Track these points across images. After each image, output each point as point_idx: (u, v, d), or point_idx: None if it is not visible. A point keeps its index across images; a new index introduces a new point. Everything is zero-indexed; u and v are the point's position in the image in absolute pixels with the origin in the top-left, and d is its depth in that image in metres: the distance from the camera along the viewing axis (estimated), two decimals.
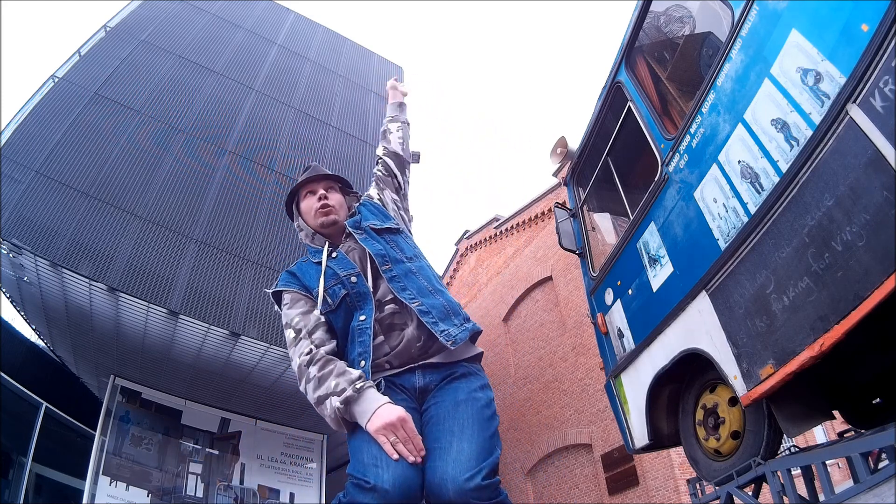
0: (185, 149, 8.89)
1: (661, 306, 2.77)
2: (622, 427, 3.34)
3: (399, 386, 1.42)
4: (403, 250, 1.58)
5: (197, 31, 10.76)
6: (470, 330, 1.47)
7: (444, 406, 1.37)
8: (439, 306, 1.47)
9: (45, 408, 8.66)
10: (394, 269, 1.51)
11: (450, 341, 1.40)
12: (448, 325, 1.44)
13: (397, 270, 1.51)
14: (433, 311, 1.44)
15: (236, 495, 8.85)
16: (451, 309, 1.50)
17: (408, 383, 1.42)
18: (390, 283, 1.47)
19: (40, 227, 6.95)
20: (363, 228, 1.60)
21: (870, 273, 1.58)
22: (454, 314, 1.49)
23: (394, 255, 1.54)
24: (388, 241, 1.58)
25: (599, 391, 10.75)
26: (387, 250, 1.55)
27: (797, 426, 2.15)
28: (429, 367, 1.43)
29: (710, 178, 2.37)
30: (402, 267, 1.52)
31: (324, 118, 11.25)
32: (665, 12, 3.22)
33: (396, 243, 1.59)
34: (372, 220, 1.64)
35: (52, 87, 8.43)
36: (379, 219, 1.65)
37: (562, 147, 4.11)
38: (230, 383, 8.73)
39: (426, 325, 1.41)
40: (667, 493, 9.37)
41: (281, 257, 8.69)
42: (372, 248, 1.53)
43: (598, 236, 3.96)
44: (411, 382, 1.42)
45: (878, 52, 1.57)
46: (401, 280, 1.49)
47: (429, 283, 1.52)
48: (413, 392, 1.42)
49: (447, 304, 1.50)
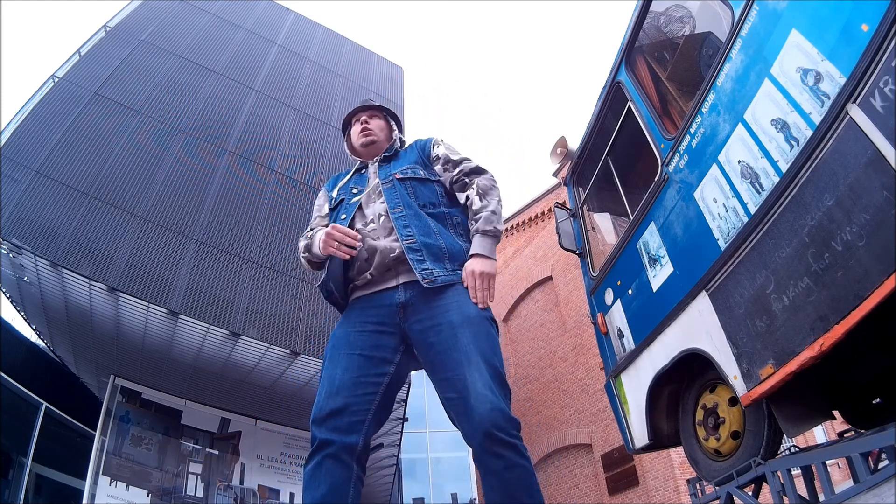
0: (185, 149, 8.89)
1: (661, 306, 2.77)
2: (622, 427, 3.34)
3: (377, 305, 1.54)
4: (419, 197, 1.67)
5: (197, 31, 10.75)
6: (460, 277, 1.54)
7: (443, 332, 1.44)
8: (435, 247, 1.55)
9: (45, 408, 8.66)
10: (403, 211, 1.60)
11: (427, 280, 1.48)
12: (434, 266, 1.52)
13: (406, 211, 1.60)
14: (424, 250, 1.53)
15: (236, 495, 8.85)
16: (450, 253, 1.56)
17: (389, 300, 1.53)
18: (394, 222, 1.58)
19: (40, 227, 6.95)
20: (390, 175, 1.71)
21: (870, 273, 1.58)
22: (450, 258, 1.56)
23: (406, 200, 1.64)
24: (407, 187, 1.68)
25: (599, 391, 10.75)
26: (402, 195, 1.65)
27: (797, 426, 2.15)
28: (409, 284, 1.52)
29: (710, 178, 2.37)
30: (412, 209, 1.62)
31: (324, 118, 11.25)
32: (665, 12, 3.22)
33: (415, 189, 1.68)
34: (404, 165, 1.75)
35: (52, 87, 8.43)
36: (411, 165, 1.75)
37: (562, 147, 4.11)
38: (230, 383, 8.73)
39: (410, 261, 1.50)
40: (667, 493, 9.38)
41: (281, 257, 8.70)
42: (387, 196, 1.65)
43: (598, 236, 3.96)
44: (392, 299, 1.52)
45: (878, 52, 1.57)
46: (406, 219, 1.59)
47: (437, 227, 1.60)
48: (394, 309, 1.51)
49: (448, 247, 1.57)
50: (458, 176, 1.70)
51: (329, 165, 10.49)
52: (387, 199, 1.64)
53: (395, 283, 1.54)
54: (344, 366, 1.46)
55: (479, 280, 1.51)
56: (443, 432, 15.61)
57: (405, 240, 1.53)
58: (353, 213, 1.66)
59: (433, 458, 15.92)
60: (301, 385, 8.55)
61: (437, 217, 1.65)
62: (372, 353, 1.49)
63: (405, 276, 1.53)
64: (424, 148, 1.81)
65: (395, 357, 1.51)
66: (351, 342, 1.50)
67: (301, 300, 8.49)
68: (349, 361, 1.47)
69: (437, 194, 1.70)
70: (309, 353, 7.94)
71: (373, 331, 1.51)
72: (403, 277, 1.54)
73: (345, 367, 1.46)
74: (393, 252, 1.54)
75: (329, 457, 1.34)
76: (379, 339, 1.50)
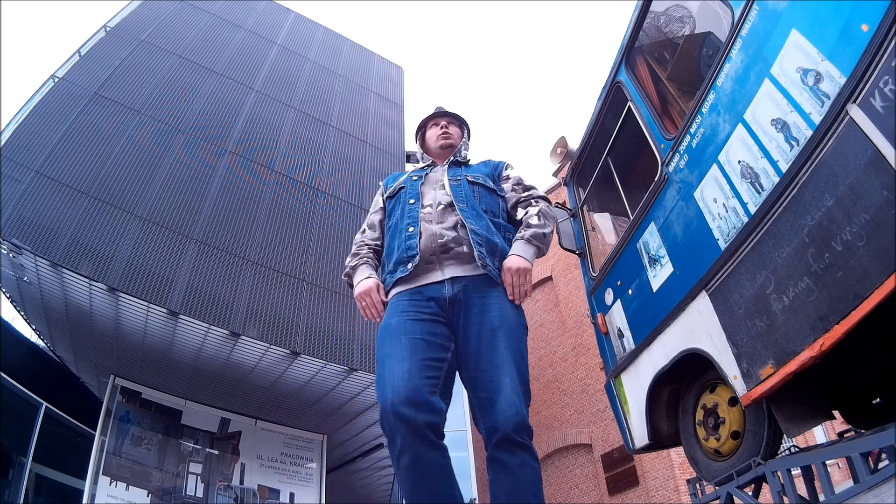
0: (185, 149, 8.88)
1: (661, 306, 2.77)
2: (622, 427, 3.34)
3: (427, 298, 1.58)
4: (483, 202, 1.76)
5: (197, 31, 10.75)
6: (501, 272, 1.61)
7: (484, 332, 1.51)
8: (490, 242, 1.64)
9: (45, 408, 8.66)
10: (465, 206, 1.70)
11: (481, 262, 1.58)
12: (488, 255, 1.61)
13: (468, 206, 1.70)
14: (481, 239, 1.62)
15: (236, 495, 8.85)
16: (499, 251, 1.65)
17: (437, 293, 1.58)
18: (460, 213, 1.67)
19: (40, 227, 6.95)
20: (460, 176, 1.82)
21: (870, 273, 1.58)
22: (500, 256, 1.64)
23: (471, 201, 1.73)
24: (475, 190, 1.78)
25: (599, 391, 10.75)
26: (467, 193, 1.75)
27: (797, 426, 2.15)
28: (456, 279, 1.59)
29: (710, 178, 2.37)
30: (475, 209, 1.71)
31: (324, 118, 11.24)
32: (665, 12, 3.22)
33: (482, 195, 1.78)
34: (475, 173, 1.86)
35: (52, 87, 8.43)
36: (482, 175, 1.85)
37: (562, 147, 4.11)
38: (230, 383, 8.72)
39: (472, 242, 1.60)
40: (667, 493, 9.38)
41: (281, 257, 8.69)
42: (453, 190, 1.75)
43: (598, 236, 3.96)
44: (440, 293, 1.58)
45: (878, 52, 1.57)
46: (469, 213, 1.68)
47: (490, 228, 1.69)
48: (443, 303, 1.57)
49: (499, 245, 1.66)
50: (525, 197, 1.81)
51: (329, 165, 10.49)
52: (453, 194, 1.74)
53: (441, 277, 1.60)
54: (409, 349, 1.46)
55: (516, 276, 1.58)
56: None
57: (471, 226, 1.63)
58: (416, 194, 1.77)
59: None
60: (301, 385, 8.54)
61: (496, 225, 1.73)
62: (431, 338, 1.51)
63: (451, 271, 1.60)
64: (497, 167, 1.93)
65: (450, 345, 1.55)
66: (409, 329, 1.52)
67: (301, 300, 8.48)
68: (413, 345, 1.48)
69: (500, 208, 1.81)
70: (309, 353, 7.94)
71: (428, 319, 1.55)
72: (450, 272, 1.60)
73: (411, 350, 1.46)
74: (442, 238, 1.61)
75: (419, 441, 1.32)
76: (435, 327, 1.54)
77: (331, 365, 7.94)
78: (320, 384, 8.46)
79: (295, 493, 9.36)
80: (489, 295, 1.57)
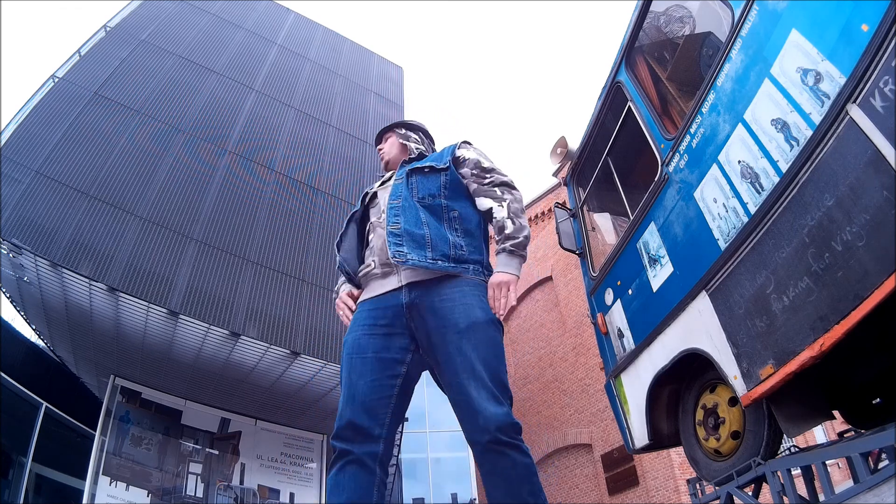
0: (186, 149, 8.89)
1: (661, 306, 2.77)
2: (622, 427, 3.34)
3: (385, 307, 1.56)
4: (419, 189, 1.70)
5: (197, 31, 10.75)
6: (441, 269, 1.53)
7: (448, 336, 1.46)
8: (418, 235, 1.57)
9: (45, 408, 8.66)
10: (400, 202, 1.66)
11: (398, 259, 1.53)
12: (411, 250, 1.54)
13: (403, 203, 1.66)
14: (405, 236, 1.56)
15: (236, 495, 8.85)
16: (434, 243, 1.57)
17: (394, 301, 1.55)
18: (387, 212, 1.65)
19: (40, 227, 6.95)
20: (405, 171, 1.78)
21: (870, 273, 1.58)
22: (433, 248, 1.56)
23: (405, 193, 1.68)
24: (411, 181, 1.72)
25: (599, 391, 10.75)
26: (402, 188, 1.70)
27: (797, 426, 2.15)
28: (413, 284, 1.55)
29: (710, 178, 2.37)
30: (408, 201, 1.66)
31: (324, 118, 11.25)
32: (665, 12, 3.22)
33: (418, 182, 1.72)
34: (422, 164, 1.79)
35: (52, 87, 8.43)
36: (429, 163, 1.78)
37: (562, 147, 4.11)
38: (230, 383, 8.72)
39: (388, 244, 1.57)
40: (667, 493, 9.38)
41: (281, 257, 8.70)
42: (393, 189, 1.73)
43: (598, 236, 3.96)
44: (398, 300, 1.55)
45: (878, 52, 1.57)
46: (397, 209, 1.64)
47: (427, 218, 1.62)
48: (400, 310, 1.54)
49: (433, 237, 1.58)
50: (487, 184, 1.69)
51: (329, 165, 10.49)
52: (391, 192, 1.72)
53: (397, 283, 1.57)
54: (359, 371, 1.49)
55: (496, 290, 1.53)
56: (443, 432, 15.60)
57: (391, 226, 1.60)
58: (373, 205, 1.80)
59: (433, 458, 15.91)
60: (301, 385, 8.55)
61: (433, 208, 1.66)
62: (383, 354, 1.51)
63: (407, 276, 1.56)
64: (451, 149, 1.84)
65: (405, 357, 1.54)
66: (362, 346, 1.52)
67: (301, 300, 8.49)
68: (363, 365, 1.49)
69: (439, 185, 1.70)
70: (309, 353, 7.94)
71: (382, 333, 1.54)
72: (406, 277, 1.56)
73: (360, 371, 1.49)
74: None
75: (351, 462, 1.38)
76: (389, 341, 1.53)
77: (331, 365, 7.94)
78: (320, 384, 8.47)
79: (295, 493, 9.36)
80: (450, 296, 1.51)
